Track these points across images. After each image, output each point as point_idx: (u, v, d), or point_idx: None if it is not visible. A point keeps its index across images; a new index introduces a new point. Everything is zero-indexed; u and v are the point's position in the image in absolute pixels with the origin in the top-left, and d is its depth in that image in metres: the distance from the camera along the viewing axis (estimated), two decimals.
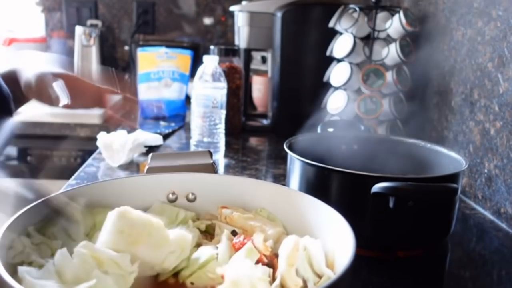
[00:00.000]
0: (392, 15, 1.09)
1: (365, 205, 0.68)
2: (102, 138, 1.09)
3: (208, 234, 0.57)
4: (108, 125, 0.92)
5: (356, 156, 0.85)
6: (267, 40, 1.39)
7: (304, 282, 0.46)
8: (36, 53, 0.83)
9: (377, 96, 1.09)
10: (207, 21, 2.15)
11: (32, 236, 0.48)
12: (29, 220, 0.48)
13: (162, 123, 1.47)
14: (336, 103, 1.13)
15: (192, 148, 1.16)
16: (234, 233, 0.55)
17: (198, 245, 0.54)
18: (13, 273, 0.40)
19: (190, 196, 0.60)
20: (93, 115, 1.59)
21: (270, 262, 0.49)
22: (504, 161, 0.84)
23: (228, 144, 1.22)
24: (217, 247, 0.51)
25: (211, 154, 0.76)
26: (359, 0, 1.34)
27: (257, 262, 0.48)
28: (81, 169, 1.04)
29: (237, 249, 0.51)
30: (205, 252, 0.50)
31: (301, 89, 1.31)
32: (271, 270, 0.47)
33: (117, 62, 2.20)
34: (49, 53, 0.82)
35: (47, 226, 0.50)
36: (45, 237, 0.49)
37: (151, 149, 1.14)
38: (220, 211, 0.58)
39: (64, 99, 0.73)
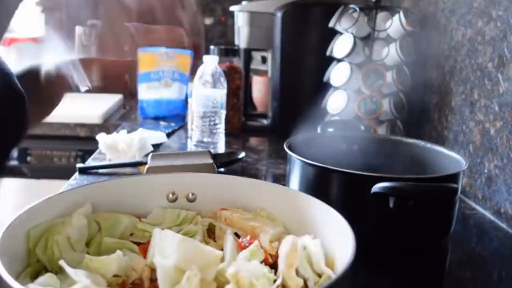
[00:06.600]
0: (392, 15, 1.09)
1: (365, 205, 0.68)
2: (104, 139, 1.08)
3: (211, 232, 0.57)
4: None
5: (356, 156, 0.85)
6: (267, 40, 1.39)
7: (305, 281, 0.46)
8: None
9: (377, 96, 1.09)
10: (207, 21, 2.15)
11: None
12: (30, 222, 0.48)
13: (162, 123, 1.47)
14: (336, 103, 1.13)
15: (192, 148, 1.16)
16: (236, 235, 0.55)
17: (206, 242, 0.54)
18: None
19: (190, 196, 0.60)
20: (93, 115, 1.59)
21: (275, 262, 0.49)
22: (504, 161, 0.84)
23: (228, 144, 1.22)
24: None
25: (211, 154, 0.76)
26: (359, 0, 1.34)
27: (262, 262, 0.49)
28: None
29: (243, 249, 0.51)
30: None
31: (301, 89, 1.31)
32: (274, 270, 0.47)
33: None
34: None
35: (50, 232, 0.49)
36: (47, 245, 0.48)
37: (154, 148, 1.14)
38: (220, 213, 0.58)
39: (84, 84, 0.65)
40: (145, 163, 0.86)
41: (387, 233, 0.69)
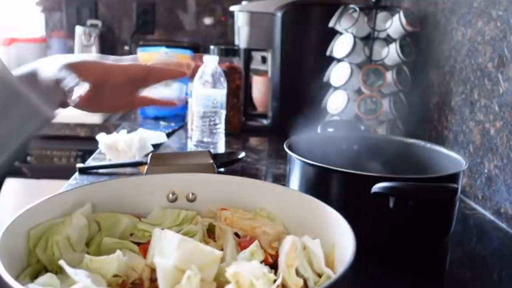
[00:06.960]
0: (392, 15, 1.09)
1: (365, 205, 0.68)
2: (104, 139, 1.08)
3: (211, 232, 0.57)
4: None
5: (356, 156, 0.85)
6: (267, 40, 1.39)
7: (305, 281, 0.46)
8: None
9: (377, 96, 1.09)
10: (207, 21, 2.15)
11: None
12: (30, 222, 0.48)
13: (162, 123, 1.47)
14: (336, 103, 1.13)
15: (192, 148, 1.16)
16: (236, 235, 0.55)
17: (206, 242, 0.54)
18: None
19: (190, 196, 0.60)
20: (93, 115, 1.58)
21: (275, 262, 0.49)
22: (504, 161, 0.84)
23: (228, 144, 1.22)
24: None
25: (211, 154, 0.76)
26: (359, 0, 1.34)
27: (262, 262, 0.49)
28: None
29: (243, 249, 0.51)
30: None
31: (301, 89, 1.31)
32: (274, 270, 0.47)
33: None
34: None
35: (50, 232, 0.49)
36: (47, 245, 0.48)
37: (154, 148, 1.14)
38: (220, 213, 0.58)
39: (76, 92, 0.59)
40: (145, 163, 0.86)
41: (387, 233, 0.69)
